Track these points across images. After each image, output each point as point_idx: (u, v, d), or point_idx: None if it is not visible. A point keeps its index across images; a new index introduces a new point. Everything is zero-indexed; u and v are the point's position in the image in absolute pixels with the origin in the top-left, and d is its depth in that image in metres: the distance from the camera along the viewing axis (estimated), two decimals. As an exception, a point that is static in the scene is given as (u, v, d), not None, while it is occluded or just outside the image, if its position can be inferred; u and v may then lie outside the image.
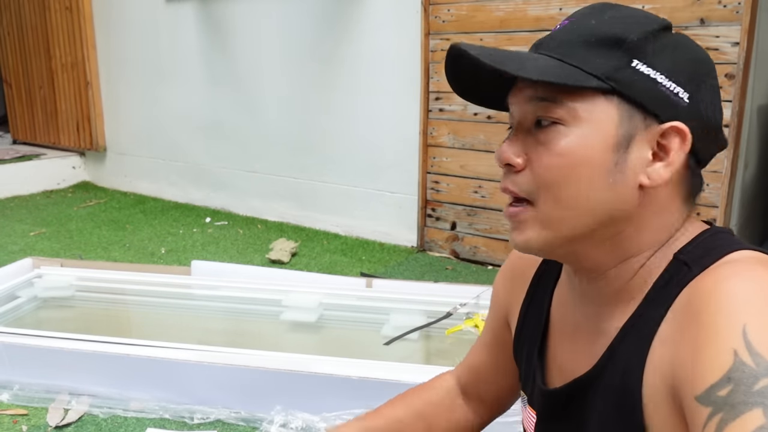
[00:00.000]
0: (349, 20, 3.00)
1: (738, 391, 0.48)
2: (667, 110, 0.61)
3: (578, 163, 0.61)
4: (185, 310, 2.25)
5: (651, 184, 0.62)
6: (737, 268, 0.55)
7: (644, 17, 0.64)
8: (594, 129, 0.61)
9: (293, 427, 1.53)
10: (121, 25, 4.03)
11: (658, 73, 0.61)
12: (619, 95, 0.61)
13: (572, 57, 0.61)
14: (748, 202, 2.49)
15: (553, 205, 0.62)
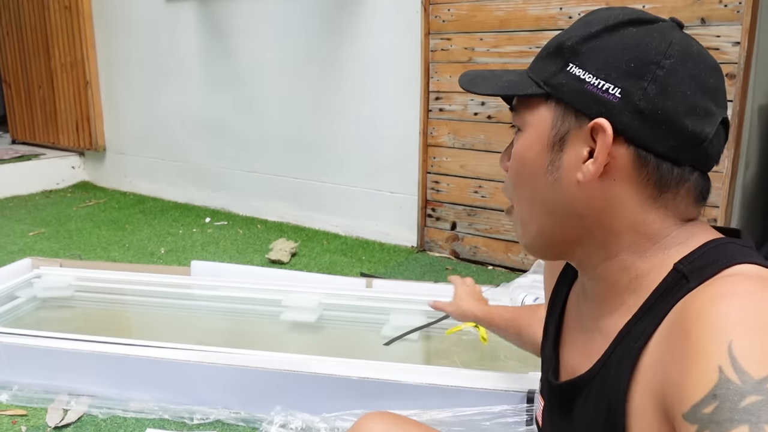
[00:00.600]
0: (349, 20, 3.00)
1: (723, 408, 0.47)
2: (594, 108, 0.62)
3: (522, 164, 0.68)
4: (185, 310, 2.25)
5: (583, 180, 0.63)
6: (732, 286, 0.55)
7: (597, 20, 0.65)
8: (534, 132, 0.66)
9: (293, 427, 1.53)
10: (121, 25, 4.03)
11: (587, 73, 0.63)
12: (555, 99, 0.65)
13: (532, 68, 0.69)
14: (748, 202, 2.49)
15: (518, 205, 0.70)
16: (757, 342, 0.49)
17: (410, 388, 1.51)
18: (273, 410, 1.56)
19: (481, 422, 1.47)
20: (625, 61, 0.62)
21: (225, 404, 1.61)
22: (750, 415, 0.46)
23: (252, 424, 1.57)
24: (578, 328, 0.75)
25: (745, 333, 0.50)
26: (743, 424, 0.46)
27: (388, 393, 1.53)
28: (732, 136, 2.11)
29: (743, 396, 0.47)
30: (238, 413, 1.60)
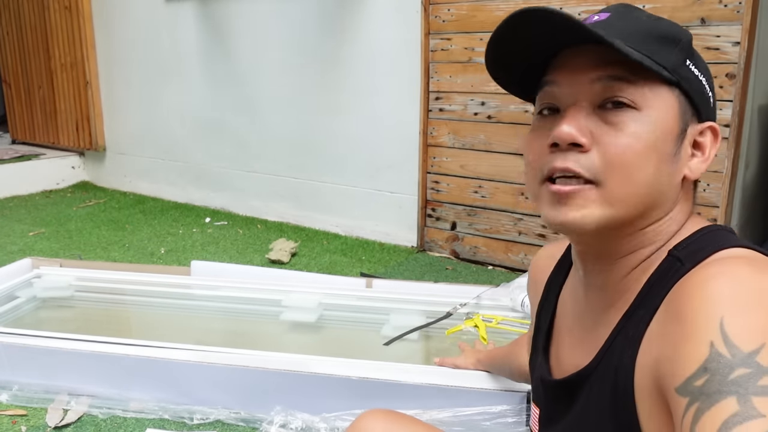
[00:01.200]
0: (349, 20, 3.00)
1: (713, 380, 0.49)
2: (706, 110, 0.66)
3: (650, 148, 0.62)
4: (185, 310, 2.25)
5: (693, 177, 0.66)
6: (723, 267, 0.57)
7: (677, 24, 0.68)
8: (661, 117, 0.62)
9: (293, 427, 1.53)
10: (121, 25, 4.03)
11: (701, 75, 0.66)
12: (680, 89, 0.64)
13: (640, 46, 0.62)
14: (748, 202, 2.49)
15: (623, 185, 0.62)
16: (747, 318, 0.51)
17: (410, 388, 1.51)
18: (273, 410, 1.56)
19: (481, 422, 1.47)
20: (709, 72, 0.68)
21: (225, 404, 1.61)
22: (738, 386, 0.47)
23: (252, 424, 1.57)
24: (574, 326, 0.75)
25: (736, 310, 0.51)
26: (731, 396, 0.47)
27: (388, 393, 1.53)
28: (732, 136, 2.11)
29: (732, 369, 0.48)
30: (238, 413, 1.60)
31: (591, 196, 0.63)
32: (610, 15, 0.66)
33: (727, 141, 2.12)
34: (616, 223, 0.64)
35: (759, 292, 0.52)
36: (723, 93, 2.11)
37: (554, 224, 0.66)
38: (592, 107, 0.63)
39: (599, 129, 0.62)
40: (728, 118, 2.11)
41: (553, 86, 0.66)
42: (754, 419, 0.45)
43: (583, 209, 0.63)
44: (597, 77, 0.63)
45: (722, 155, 2.13)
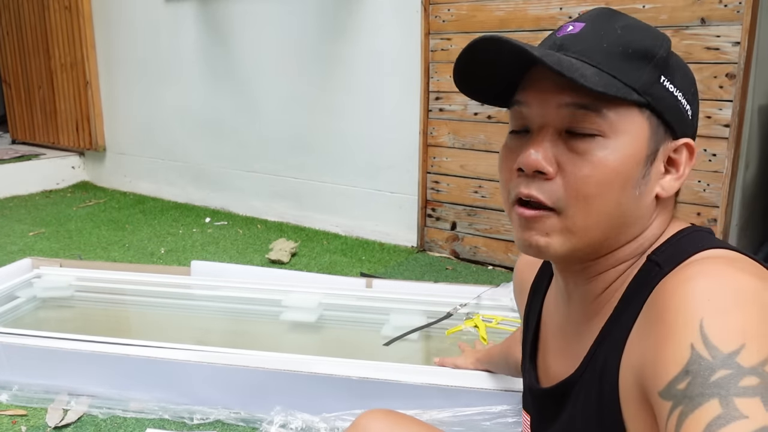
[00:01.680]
0: (349, 20, 3.00)
1: (695, 383, 0.48)
2: (681, 126, 0.65)
3: (614, 176, 0.61)
4: (185, 310, 2.25)
5: (665, 195, 0.65)
6: (702, 267, 0.56)
7: (657, 32, 0.66)
8: (630, 142, 0.62)
9: (293, 427, 1.53)
10: (121, 25, 4.03)
11: (677, 90, 0.64)
12: (651, 110, 0.62)
13: (609, 66, 0.61)
14: (748, 202, 2.49)
15: (585, 215, 0.62)
16: (727, 318, 0.50)
17: (410, 388, 1.51)
18: (273, 410, 1.56)
19: (481, 422, 1.47)
20: (689, 84, 0.66)
21: (225, 404, 1.61)
22: (720, 388, 0.47)
23: (252, 424, 1.57)
24: (558, 334, 0.75)
25: (716, 310, 0.51)
26: (713, 398, 0.47)
27: (388, 393, 1.53)
28: (732, 136, 2.11)
29: (713, 371, 0.48)
30: (238, 413, 1.60)
31: (553, 224, 0.63)
32: (584, 26, 0.64)
33: (727, 141, 2.12)
34: (580, 251, 0.64)
35: (738, 292, 0.52)
36: (723, 93, 2.11)
37: (522, 247, 0.66)
38: (558, 132, 0.63)
39: (564, 156, 0.62)
40: (728, 118, 2.11)
41: (523, 106, 0.65)
42: (737, 420, 0.45)
43: (547, 237, 0.64)
44: (564, 103, 0.62)
45: (722, 155, 2.13)
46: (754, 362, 0.47)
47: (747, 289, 0.53)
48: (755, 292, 0.52)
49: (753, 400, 0.45)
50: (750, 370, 0.47)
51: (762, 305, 0.51)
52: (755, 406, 0.45)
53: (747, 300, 0.52)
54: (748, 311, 0.51)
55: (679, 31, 2.15)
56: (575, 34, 0.64)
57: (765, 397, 0.46)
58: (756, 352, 0.48)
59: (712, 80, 2.11)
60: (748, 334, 0.49)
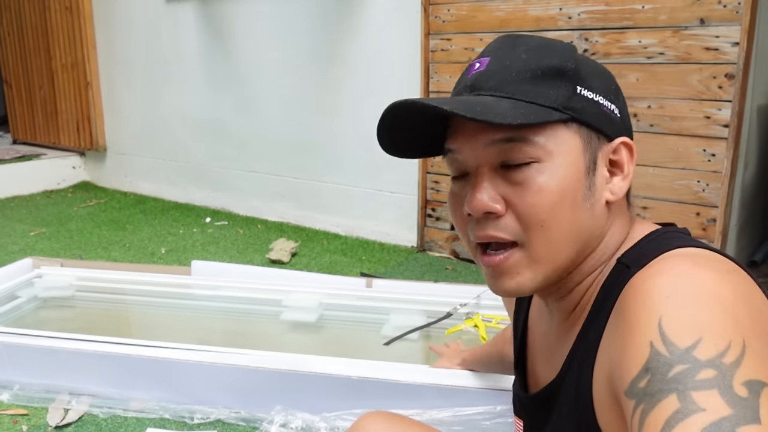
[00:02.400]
0: (349, 20, 3.00)
1: (654, 380, 0.49)
2: (612, 128, 0.66)
3: (560, 197, 0.62)
4: (185, 310, 2.25)
5: (615, 199, 0.65)
6: (663, 266, 0.57)
7: (563, 46, 0.67)
8: (565, 160, 0.62)
9: (293, 427, 1.53)
10: (121, 25, 4.03)
11: (597, 95, 0.65)
12: (577, 122, 0.63)
13: (523, 93, 0.62)
14: (748, 202, 2.49)
15: (545, 241, 0.63)
16: (685, 314, 0.51)
17: (410, 388, 1.52)
18: (273, 410, 1.56)
19: (481, 422, 1.47)
20: (608, 83, 0.67)
21: (225, 404, 1.62)
22: (677, 383, 0.47)
23: (252, 423, 1.58)
24: (543, 342, 0.77)
25: (674, 307, 0.52)
26: (672, 393, 0.47)
27: (388, 393, 1.53)
28: (731, 136, 2.12)
29: (671, 366, 0.48)
30: (238, 413, 1.60)
31: (520, 259, 0.64)
32: (489, 60, 0.65)
33: (726, 141, 2.13)
34: (551, 278, 0.65)
35: (696, 287, 0.53)
36: (722, 93, 2.11)
37: (497, 293, 0.67)
38: (495, 169, 0.64)
39: (508, 190, 0.63)
40: (727, 118, 2.11)
41: (455, 153, 0.66)
42: (695, 414, 0.45)
43: (518, 276, 0.64)
44: (490, 141, 0.63)
45: (721, 155, 2.14)
46: (711, 355, 0.48)
47: (704, 284, 0.53)
48: (713, 286, 0.53)
49: (710, 392, 0.46)
50: (707, 363, 0.47)
51: (720, 298, 0.52)
52: (712, 398, 0.45)
53: (704, 294, 0.52)
54: (705, 305, 0.51)
55: (678, 31, 2.16)
56: (482, 71, 0.65)
57: (722, 388, 0.46)
58: (713, 345, 0.48)
59: (712, 80, 2.12)
60: (706, 327, 0.49)
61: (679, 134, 2.17)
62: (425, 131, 0.68)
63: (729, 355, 0.48)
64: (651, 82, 2.22)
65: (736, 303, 0.52)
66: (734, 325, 0.50)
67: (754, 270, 2.62)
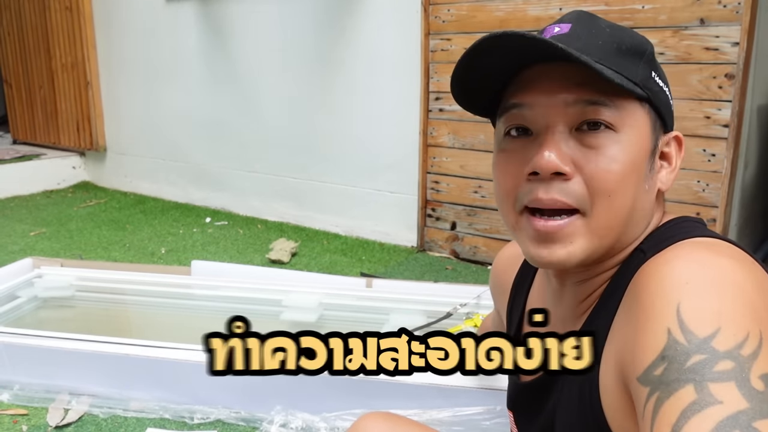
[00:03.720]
0: (349, 20, 3.00)
1: (671, 369, 0.48)
2: (671, 120, 0.67)
3: (631, 169, 0.60)
4: (185, 310, 2.25)
5: (665, 188, 0.65)
6: (681, 251, 0.56)
7: (638, 33, 0.67)
8: (637, 135, 0.61)
9: (293, 427, 1.53)
10: (121, 25, 4.03)
11: (665, 85, 0.66)
12: (649, 104, 0.62)
13: (609, 61, 0.60)
14: (748, 202, 2.49)
15: (608, 213, 0.60)
16: (704, 302, 0.50)
17: (410, 388, 1.52)
18: (273, 410, 1.56)
19: (481, 422, 1.47)
20: (666, 79, 0.67)
21: (225, 404, 1.62)
22: (695, 374, 0.47)
23: (252, 423, 1.58)
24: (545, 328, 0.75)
25: (693, 293, 0.51)
26: (689, 384, 0.46)
27: (388, 393, 1.53)
28: (731, 136, 2.12)
29: (689, 356, 0.48)
30: (238, 413, 1.60)
31: (578, 227, 0.61)
32: (572, 26, 0.63)
33: (726, 141, 2.13)
34: (600, 253, 0.63)
35: (716, 275, 0.52)
36: (722, 93, 2.11)
37: (540, 263, 0.64)
38: (568, 130, 0.61)
39: (579, 153, 0.60)
40: (727, 118, 2.11)
41: (523, 109, 0.62)
42: (711, 406, 0.44)
43: (570, 245, 0.61)
44: (573, 100, 0.60)
45: (721, 155, 2.14)
46: (730, 346, 0.47)
47: (725, 272, 0.52)
48: (733, 275, 0.52)
49: (727, 384, 0.45)
50: (725, 354, 0.47)
51: (739, 288, 0.51)
52: (729, 391, 0.45)
53: (724, 283, 0.51)
54: (724, 294, 0.50)
55: (678, 31, 2.16)
56: (566, 33, 0.63)
57: (740, 381, 0.45)
58: (732, 335, 0.48)
59: (712, 80, 2.12)
60: (724, 317, 0.49)
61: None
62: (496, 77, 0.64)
63: (747, 347, 0.47)
64: (651, 82, 2.22)
65: (754, 293, 0.51)
66: (752, 316, 0.49)
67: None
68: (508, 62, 0.62)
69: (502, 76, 0.64)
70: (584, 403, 0.61)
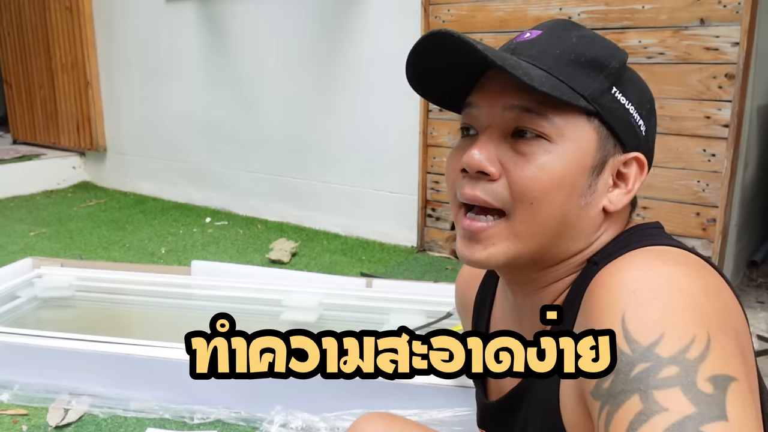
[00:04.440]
0: (349, 20, 3.00)
1: (617, 380, 0.48)
2: (632, 140, 0.64)
3: (558, 181, 0.60)
4: (185, 310, 2.25)
5: (613, 209, 0.63)
6: (629, 260, 0.56)
7: (613, 45, 0.66)
8: (575, 149, 0.61)
9: (293, 427, 1.53)
10: (121, 25, 4.03)
11: (630, 104, 0.63)
12: (599, 119, 0.61)
13: (559, 71, 0.61)
14: (748, 202, 2.49)
15: (529, 219, 0.61)
16: (648, 309, 0.50)
17: (410, 388, 1.52)
18: (273, 410, 1.56)
19: (480, 422, 1.47)
20: (645, 100, 0.66)
21: (225, 404, 1.62)
22: (639, 383, 0.46)
23: (252, 423, 1.58)
24: None
25: (638, 302, 0.50)
26: (634, 394, 0.46)
27: (388, 393, 1.53)
28: (731, 136, 2.12)
29: (633, 365, 0.47)
30: (238, 413, 1.60)
31: (500, 230, 0.62)
32: (541, 33, 0.64)
33: (726, 141, 2.13)
34: (524, 258, 0.63)
35: (660, 282, 0.51)
36: (722, 93, 2.11)
37: (463, 260, 0.65)
38: (504, 134, 0.62)
39: (509, 158, 0.61)
40: (727, 118, 2.11)
41: (472, 108, 0.64)
42: (656, 414, 0.44)
43: (492, 247, 0.62)
44: (509, 105, 0.61)
45: (721, 155, 2.14)
46: (674, 351, 0.47)
47: (670, 279, 0.52)
48: (679, 281, 0.52)
49: (672, 390, 0.45)
50: (669, 360, 0.46)
51: (685, 293, 0.51)
52: (675, 397, 0.44)
53: (669, 289, 0.51)
54: (669, 300, 0.50)
55: (678, 31, 2.16)
56: (531, 40, 0.64)
57: (685, 385, 0.45)
58: (676, 340, 0.47)
59: (712, 80, 2.12)
60: (668, 322, 0.48)
61: (679, 134, 2.17)
62: (455, 75, 0.65)
63: (693, 350, 0.46)
64: (651, 82, 2.20)
65: (702, 297, 0.51)
66: (699, 319, 0.48)
67: (754, 270, 2.62)
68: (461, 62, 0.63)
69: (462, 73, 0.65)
70: (547, 420, 0.61)
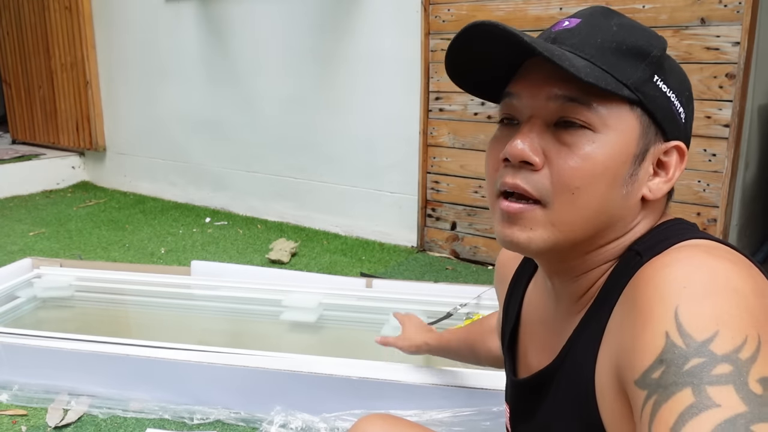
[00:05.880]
0: (349, 20, 3.00)
1: (669, 372, 0.48)
2: (673, 128, 0.64)
3: (601, 171, 0.60)
4: (185, 310, 2.25)
5: (652, 198, 0.64)
6: (679, 255, 0.56)
7: (653, 33, 0.65)
8: (618, 138, 0.61)
9: (293, 427, 1.53)
10: (121, 25, 4.03)
11: (671, 92, 0.63)
12: (642, 108, 0.62)
13: (601, 61, 0.60)
14: (748, 202, 2.49)
15: (570, 208, 0.61)
16: (702, 305, 0.50)
17: (410, 388, 1.52)
18: (273, 410, 1.56)
19: (481, 422, 1.47)
20: (685, 88, 0.66)
21: (225, 404, 1.62)
22: (692, 377, 0.47)
23: (252, 424, 1.58)
24: (540, 328, 0.75)
25: (691, 297, 0.51)
26: (686, 387, 0.46)
27: (388, 393, 1.53)
28: (732, 136, 2.12)
29: (687, 359, 0.48)
30: (238, 413, 1.60)
31: (537, 217, 0.62)
32: (580, 21, 0.64)
33: (726, 141, 2.12)
34: (563, 246, 0.63)
35: (713, 279, 0.52)
36: (723, 93, 2.11)
37: (502, 242, 0.66)
38: (547, 124, 0.62)
39: (552, 148, 0.61)
40: (728, 118, 2.11)
41: (513, 98, 0.64)
42: (709, 409, 0.45)
43: (530, 231, 0.63)
44: (553, 95, 0.61)
45: (722, 155, 2.13)
46: (728, 349, 0.47)
47: (722, 276, 0.52)
48: (730, 279, 0.52)
49: (725, 387, 0.45)
50: (723, 358, 0.47)
51: (737, 291, 0.51)
52: (727, 394, 0.45)
53: (722, 286, 0.51)
54: (722, 298, 0.50)
55: (678, 31, 2.15)
56: (570, 28, 0.63)
57: (738, 384, 0.45)
58: (730, 339, 0.48)
59: (712, 80, 2.11)
60: (722, 320, 0.49)
61: (680, 134, 2.17)
62: (496, 66, 0.65)
63: (745, 351, 0.47)
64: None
65: (752, 297, 0.51)
66: (750, 320, 0.49)
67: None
68: (499, 50, 0.63)
69: (499, 64, 0.65)
70: (579, 405, 0.61)
